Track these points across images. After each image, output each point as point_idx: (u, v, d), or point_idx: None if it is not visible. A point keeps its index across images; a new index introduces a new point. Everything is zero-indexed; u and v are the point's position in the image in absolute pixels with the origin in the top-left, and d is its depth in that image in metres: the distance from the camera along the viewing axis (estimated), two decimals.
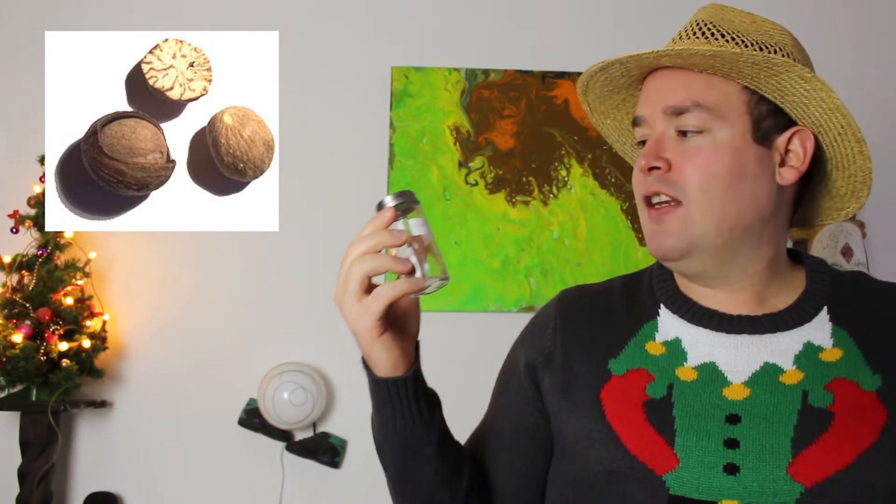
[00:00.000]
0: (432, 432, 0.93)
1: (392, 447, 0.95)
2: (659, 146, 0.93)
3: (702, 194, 0.90)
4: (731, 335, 0.93)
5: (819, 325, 0.93)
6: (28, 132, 2.34)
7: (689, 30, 0.97)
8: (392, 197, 0.87)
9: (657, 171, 0.92)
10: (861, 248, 2.19)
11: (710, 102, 0.91)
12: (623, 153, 1.12)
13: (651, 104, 0.95)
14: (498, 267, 2.37)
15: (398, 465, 0.97)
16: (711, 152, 0.91)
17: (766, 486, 0.83)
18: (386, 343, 0.88)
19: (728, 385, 0.89)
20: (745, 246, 0.93)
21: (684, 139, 0.92)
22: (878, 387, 0.87)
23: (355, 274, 0.85)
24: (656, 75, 0.97)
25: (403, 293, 0.85)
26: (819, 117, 0.94)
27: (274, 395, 2.20)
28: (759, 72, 0.91)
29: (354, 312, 0.86)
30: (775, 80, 0.91)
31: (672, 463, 0.86)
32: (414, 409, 0.91)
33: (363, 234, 0.86)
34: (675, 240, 0.92)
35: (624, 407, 0.91)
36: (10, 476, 2.16)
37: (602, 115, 1.07)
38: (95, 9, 2.46)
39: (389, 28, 2.48)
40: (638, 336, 0.97)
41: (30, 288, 2.16)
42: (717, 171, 0.90)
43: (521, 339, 1.07)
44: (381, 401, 0.92)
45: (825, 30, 2.43)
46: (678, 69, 0.94)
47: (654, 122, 0.94)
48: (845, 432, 0.84)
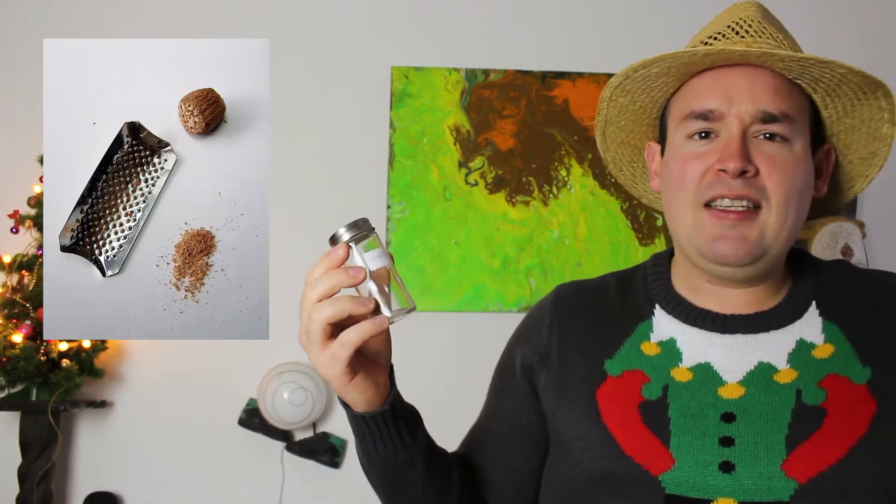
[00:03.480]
0: (416, 455, 0.93)
1: (378, 474, 0.95)
2: (746, 149, 0.89)
3: (783, 203, 0.89)
4: (725, 335, 0.93)
5: (810, 320, 0.93)
6: (28, 132, 2.34)
7: (752, 26, 0.94)
8: (345, 228, 0.81)
9: (746, 174, 0.89)
10: (861, 248, 2.19)
11: (794, 113, 0.91)
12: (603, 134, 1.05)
13: (733, 102, 0.90)
14: (498, 267, 2.37)
15: (386, 490, 0.97)
16: (794, 162, 0.90)
17: (761, 484, 0.83)
18: (358, 385, 0.84)
19: (723, 384, 0.90)
20: (786, 251, 0.93)
21: (768, 144, 0.90)
22: (867, 379, 0.88)
23: (315, 323, 0.80)
24: (737, 71, 0.91)
25: (369, 335, 0.80)
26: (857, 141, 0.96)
27: (274, 395, 2.20)
28: (850, 91, 0.92)
29: (322, 361, 0.82)
30: (853, 101, 0.93)
31: (667, 463, 0.86)
32: (395, 436, 0.90)
33: (314, 275, 0.81)
34: (752, 247, 0.89)
35: (619, 408, 0.91)
36: (10, 476, 2.16)
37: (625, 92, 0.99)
38: (90, 16, 2.46)
39: (389, 28, 2.48)
40: (633, 336, 0.97)
41: (30, 288, 2.16)
42: (798, 182, 0.90)
43: (517, 336, 1.07)
44: (361, 434, 0.90)
45: (825, 27, 2.43)
46: (764, 69, 0.91)
47: (732, 121, 0.90)
48: (837, 427, 0.85)
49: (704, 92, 0.92)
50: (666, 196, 0.96)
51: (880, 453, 0.83)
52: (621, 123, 1.04)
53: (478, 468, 1.04)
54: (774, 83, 0.90)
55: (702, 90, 0.92)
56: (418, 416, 0.95)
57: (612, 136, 1.06)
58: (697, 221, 0.91)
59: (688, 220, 0.92)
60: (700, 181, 0.90)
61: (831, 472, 0.82)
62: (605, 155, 1.08)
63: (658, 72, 0.94)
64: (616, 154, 1.08)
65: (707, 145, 0.91)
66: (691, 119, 0.92)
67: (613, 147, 1.07)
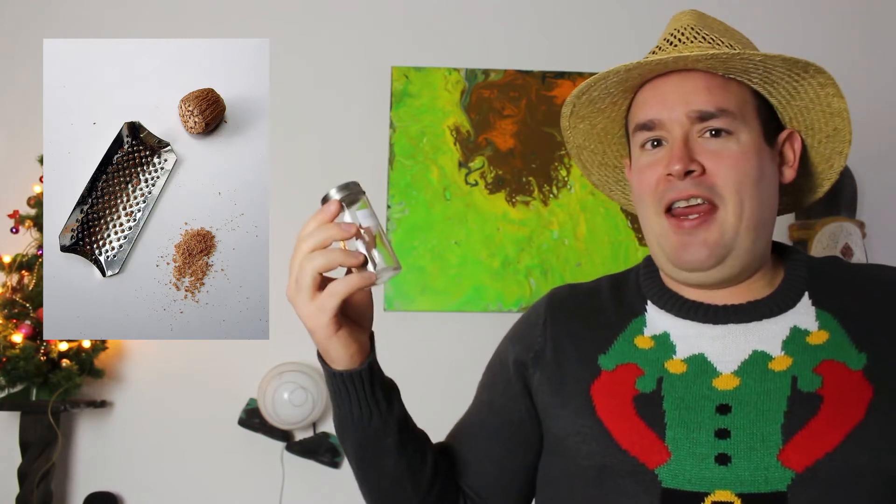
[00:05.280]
0: (391, 423, 0.93)
1: (351, 439, 0.95)
2: (689, 149, 0.92)
3: (736, 196, 0.91)
4: (718, 325, 0.94)
5: (803, 309, 0.94)
6: (28, 132, 2.34)
7: (686, 35, 0.97)
8: (336, 189, 0.85)
9: (692, 174, 0.91)
10: (861, 248, 2.19)
11: (732, 106, 0.93)
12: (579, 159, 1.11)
13: (668, 107, 0.94)
14: (498, 267, 2.37)
15: (358, 457, 0.97)
16: (740, 154, 0.92)
17: (758, 475, 0.83)
18: (342, 338, 0.87)
19: (718, 375, 0.90)
20: (763, 245, 0.95)
21: (712, 141, 0.92)
22: (863, 365, 0.88)
23: (307, 271, 0.83)
24: (670, 79, 0.95)
25: (357, 287, 0.84)
26: (816, 121, 0.96)
27: (274, 395, 2.20)
28: (783, 75, 0.92)
29: (309, 311, 0.85)
30: (794, 84, 0.93)
31: (664, 456, 0.86)
32: (371, 400, 0.91)
33: (308, 229, 0.85)
34: (712, 249, 0.91)
35: (614, 402, 0.92)
36: (10, 476, 2.16)
37: (580, 118, 1.05)
38: (90, 16, 2.46)
39: (389, 28, 2.48)
40: (626, 331, 0.98)
41: (30, 288, 2.16)
42: (748, 172, 0.92)
43: (511, 335, 1.08)
44: (338, 393, 0.91)
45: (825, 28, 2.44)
46: (696, 72, 0.94)
47: (672, 126, 0.93)
48: (834, 414, 0.85)
49: (645, 104, 0.97)
50: (636, 209, 1.00)
51: (877, 440, 0.83)
52: (592, 147, 1.09)
53: (461, 460, 1.04)
54: (706, 82, 0.93)
55: (643, 102, 0.97)
56: (396, 388, 0.96)
57: (589, 160, 1.11)
58: (661, 229, 0.94)
59: (655, 228, 0.96)
60: (656, 189, 0.94)
61: (828, 459, 0.82)
62: (590, 179, 1.13)
63: (599, 94, 1.00)
64: (601, 177, 1.13)
65: (658, 153, 0.95)
66: (639, 131, 0.97)
67: (596, 170, 1.12)
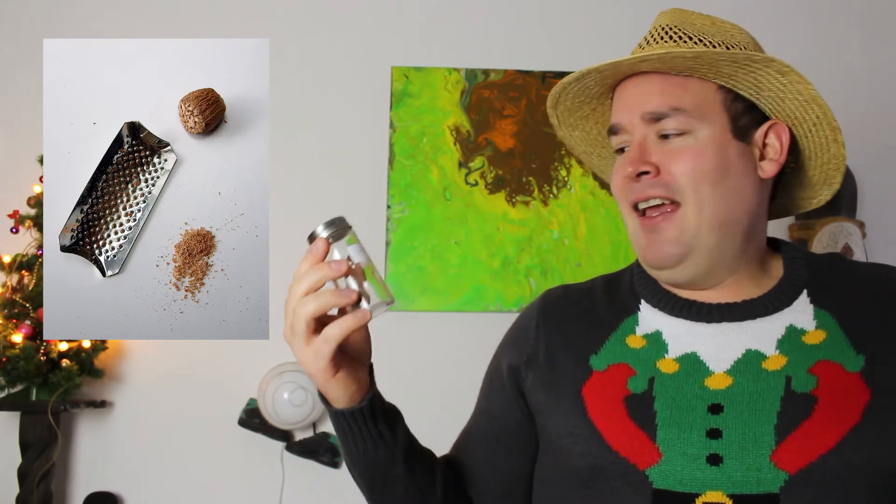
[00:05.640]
0: (397, 452, 0.94)
1: (359, 471, 0.96)
2: (643, 151, 0.93)
3: (693, 192, 0.91)
4: (711, 324, 0.93)
5: (800, 307, 0.93)
6: (28, 132, 2.34)
7: (654, 35, 0.97)
8: (323, 226, 0.84)
9: (646, 175, 0.92)
10: (861, 248, 2.20)
11: (688, 104, 0.92)
12: (591, 165, 1.13)
13: (628, 111, 0.95)
14: (498, 267, 2.37)
15: (368, 486, 0.98)
16: (696, 151, 0.92)
17: (750, 476, 0.82)
18: (341, 381, 0.87)
19: (710, 375, 0.89)
20: (733, 244, 0.93)
21: (666, 142, 0.93)
22: (861, 367, 0.87)
23: (300, 318, 0.83)
24: (630, 82, 0.96)
25: (352, 329, 0.83)
26: (794, 109, 0.95)
27: (274, 395, 2.20)
28: (738, 70, 0.91)
29: (306, 357, 0.85)
30: (753, 76, 0.92)
31: (654, 457, 0.86)
32: (374, 433, 0.91)
33: (300, 271, 0.84)
34: (673, 246, 0.92)
35: (605, 403, 0.91)
36: (10, 476, 2.16)
37: (571, 127, 1.07)
38: (90, 16, 2.46)
39: (389, 28, 2.48)
40: (618, 331, 0.97)
41: (30, 288, 2.16)
42: (704, 168, 0.91)
43: (505, 341, 1.08)
44: (341, 429, 0.92)
45: (825, 28, 2.44)
46: (653, 74, 0.94)
47: (632, 129, 0.95)
48: (828, 416, 0.83)
49: (614, 108, 0.99)
50: None
51: (873, 443, 0.82)
52: (597, 152, 1.11)
53: (466, 468, 1.05)
54: (660, 84, 0.94)
55: (613, 107, 0.99)
56: (399, 415, 0.96)
57: (598, 165, 1.12)
58: (632, 227, 0.96)
59: (629, 227, 0.97)
60: (623, 190, 0.96)
61: (822, 461, 0.81)
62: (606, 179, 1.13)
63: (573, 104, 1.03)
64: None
65: (624, 157, 0.96)
66: (610, 136, 0.98)
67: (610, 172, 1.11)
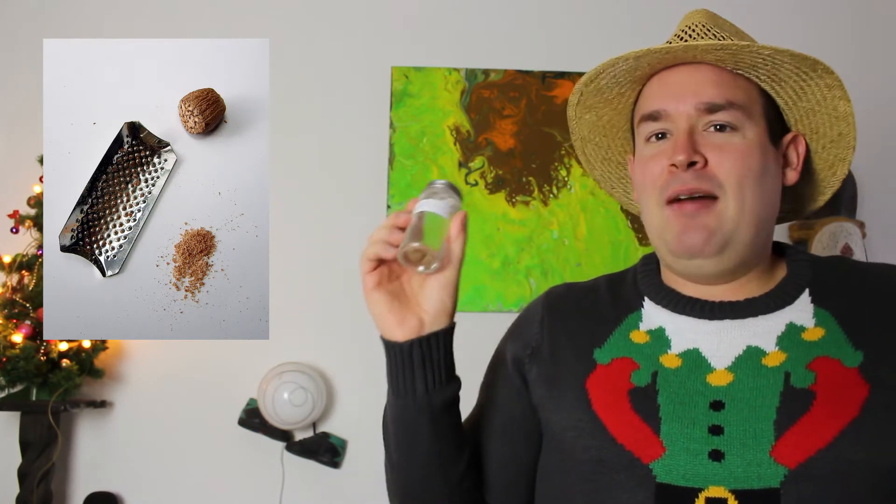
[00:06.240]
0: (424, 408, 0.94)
1: (390, 417, 0.97)
2: (694, 142, 0.92)
3: (738, 189, 0.91)
4: (713, 321, 0.94)
5: (801, 306, 0.93)
6: (28, 132, 2.34)
7: (697, 30, 0.97)
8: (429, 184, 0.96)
9: (694, 166, 0.92)
10: (861, 248, 2.19)
11: (741, 101, 0.93)
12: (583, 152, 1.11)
13: (677, 99, 0.94)
14: (498, 267, 2.37)
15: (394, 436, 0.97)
16: (744, 148, 0.92)
17: (751, 471, 0.83)
18: (380, 299, 0.92)
19: (712, 371, 0.90)
20: (759, 241, 0.95)
21: (716, 135, 0.93)
22: (859, 363, 0.88)
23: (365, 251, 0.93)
24: (679, 70, 0.96)
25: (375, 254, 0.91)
26: (822, 124, 0.97)
27: (274, 395, 2.20)
28: (791, 74, 0.93)
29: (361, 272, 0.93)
30: (801, 83, 0.93)
31: (658, 451, 0.86)
32: (409, 378, 0.93)
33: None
34: (711, 235, 0.91)
35: (609, 396, 0.92)
36: (10, 476, 2.16)
37: (587, 108, 1.06)
38: (90, 16, 2.46)
39: (389, 28, 2.48)
40: (622, 326, 0.98)
41: (30, 288, 2.16)
42: (752, 167, 0.92)
43: (509, 334, 1.09)
44: (389, 365, 0.95)
45: (825, 28, 2.44)
46: (705, 65, 0.95)
47: (678, 118, 0.94)
48: (827, 411, 0.85)
49: (652, 95, 0.97)
50: (640, 201, 1.00)
51: (871, 437, 0.83)
52: (596, 140, 1.09)
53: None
54: (715, 76, 0.94)
55: (650, 94, 0.98)
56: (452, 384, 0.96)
57: (593, 154, 1.11)
58: (663, 219, 0.94)
59: (655, 220, 0.96)
60: (658, 180, 0.94)
61: (821, 455, 0.82)
62: (592, 174, 1.13)
63: (607, 83, 1.00)
64: (603, 172, 1.13)
65: (662, 145, 0.95)
66: (644, 122, 0.97)
67: (599, 165, 1.12)
